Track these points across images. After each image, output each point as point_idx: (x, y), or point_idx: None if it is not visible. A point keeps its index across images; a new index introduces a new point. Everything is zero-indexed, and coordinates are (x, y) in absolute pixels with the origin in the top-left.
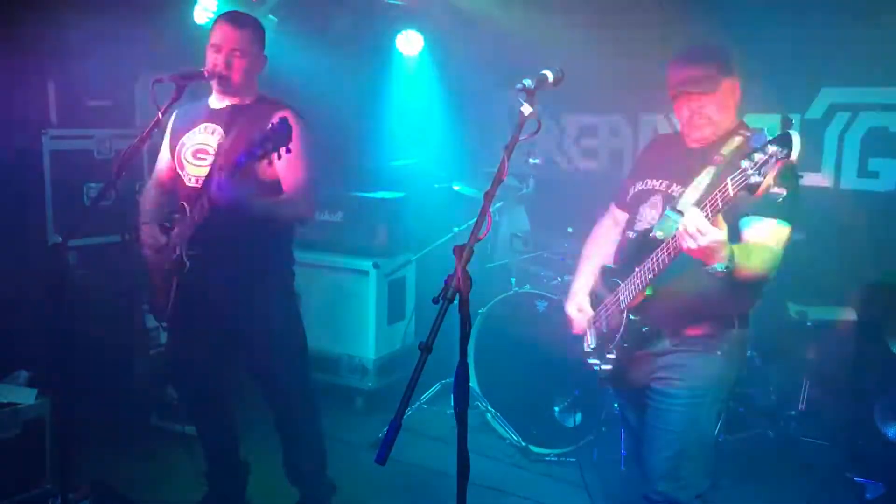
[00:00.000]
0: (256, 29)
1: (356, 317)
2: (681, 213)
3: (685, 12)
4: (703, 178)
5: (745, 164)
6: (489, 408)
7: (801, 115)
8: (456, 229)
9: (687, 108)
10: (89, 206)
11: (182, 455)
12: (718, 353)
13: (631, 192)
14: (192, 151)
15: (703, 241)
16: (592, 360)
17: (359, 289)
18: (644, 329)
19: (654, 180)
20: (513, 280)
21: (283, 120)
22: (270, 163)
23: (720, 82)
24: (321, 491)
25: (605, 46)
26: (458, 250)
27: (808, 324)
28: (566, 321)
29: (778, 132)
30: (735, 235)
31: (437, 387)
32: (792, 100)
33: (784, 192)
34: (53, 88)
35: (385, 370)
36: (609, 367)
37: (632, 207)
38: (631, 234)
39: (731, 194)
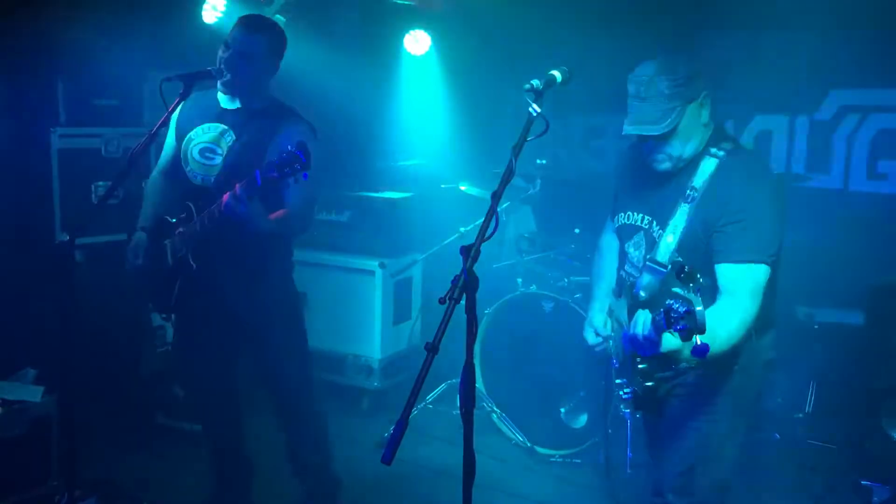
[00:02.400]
0: (272, 36)
1: (362, 317)
2: (662, 268)
3: (694, 12)
4: (679, 221)
5: (669, 301)
6: (495, 408)
7: (809, 117)
8: (462, 229)
9: (643, 140)
10: (97, 205)
11: (188, 453)
12: (735, 367)
13: (618, 221)
14: (199, 149)
15: (652, 350)
16: (618, 381)
17: (365, 289)
18: (641, 367)
19: (636, 213)
20: (519, 281)
21: (303, 145)
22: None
23: (682, 114)
24: (327, 486)
25: (614, 46)
26: (466, 250)
27: (816, 326)
28: (573, 323)
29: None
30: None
31: (443, 387)
32: (801, 101)
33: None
34: (62, 87)
35: (391, 370)
36: (629, 394)
37: (620, 239)
38: (623, 274)
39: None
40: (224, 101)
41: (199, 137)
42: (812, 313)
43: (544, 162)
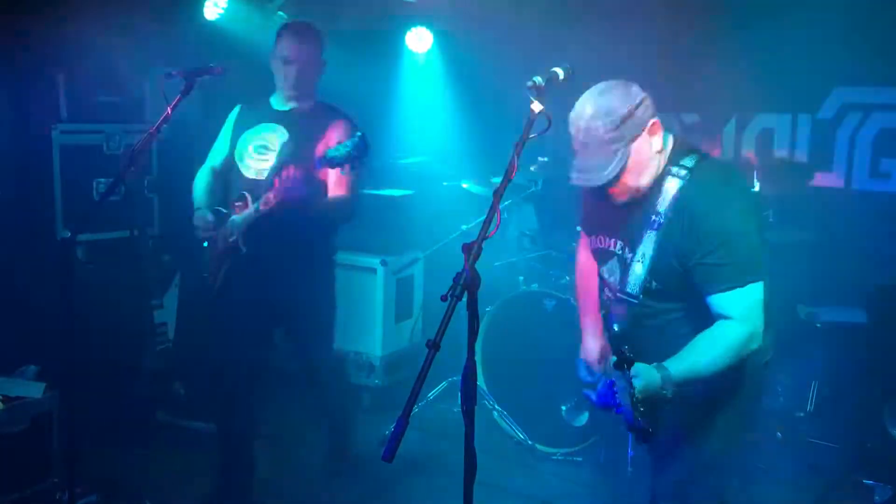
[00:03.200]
0: (320, 42)
1: (364, 314)
2: (634, 299)
3: (696, 10)
4: (646, 248)
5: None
6: (496, 406)
7: (812, 115)
8: (464, 227)
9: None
10: (98, 202)
11: (189, 451)
12: (736, 378)
13: (592, 244)
14: (254, 146)
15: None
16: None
17: (366, 286)
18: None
19: (608, 238)
20: (521, 279)
21: (363, 137)
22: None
23: (627, 154)
24: (349, 448)
25: (615, 44)
26: (467, 248)
27: (818, 325)
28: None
29: None
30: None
31: (444, 384)
32: (803, 99)
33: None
34: (63, 83)
35: (392, 368)
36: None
37: (597, 262)
38: (603, 298)
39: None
40: (277, 103)
41: (255, 136)
42: (814, 312)
43: (547, 159)
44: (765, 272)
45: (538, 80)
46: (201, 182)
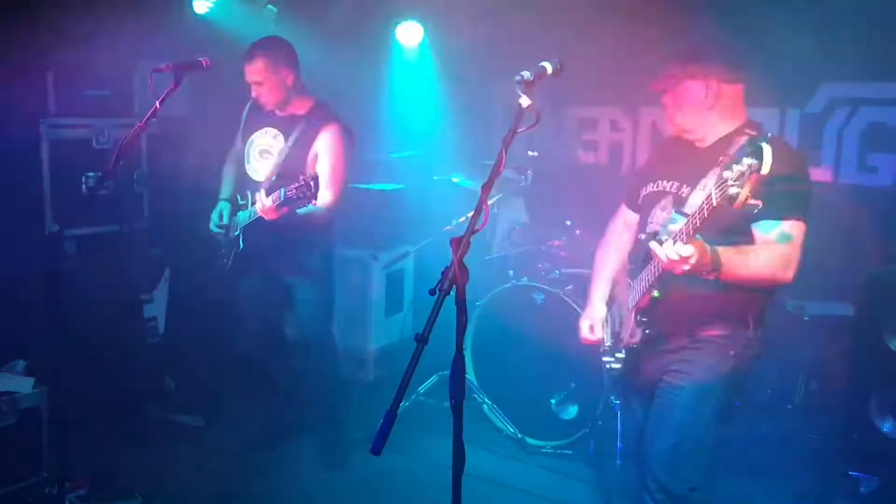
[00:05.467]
0: (268, 55)
1: (354, 308)
2: (686, 215)
3: (686, 4)
4: (709, 180)
5: (726, 174)
6: (486, 399)
7: (800, 110)
8: (455, 221)
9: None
10: (87, 196)
11: (180, 445)
12: (731, 353)
13: (642, 193)
14: (258, 150)
15: (683, 266)
16: (606, 359)
17: (357, 280)
18: (647, 331)
19: (665, 181)
20: (511, 272)
21: (315, 177)
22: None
23: (680, 82)
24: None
25: (606, 38)
26: (455, 242)
27: (806, 318)
28: (565, 314)
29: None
30: (750, 240)
31: (434, 378)
32: (792, 94)
33: (759, 203)
34: (52, 77)
35: (383, 362)
36: (618, 365)
37: (644, 209)
38: (642, 236)
39: (715, 204)
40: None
41: (258, 140)
42: (802, 305)
43: (536, 154)
44: (809, 218)
45: (526, 74)
46: (226, 174)
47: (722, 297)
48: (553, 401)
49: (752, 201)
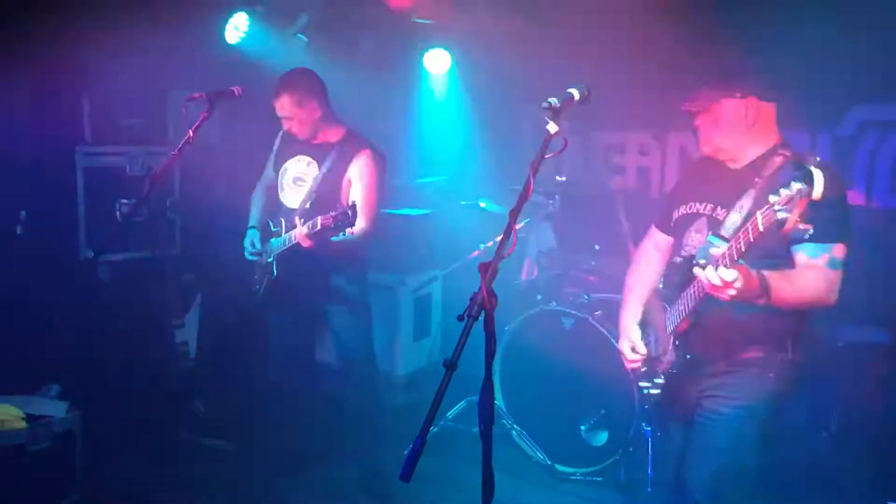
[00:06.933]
0: (298, 88)
1: (382, 333)
2: (724, 238)
3: (714, 29)
4: (745, 201)
5: (772, 198)
6: (515, 426)
7: (831, 133)
8: (482, 246)
9: (693, 126)
10: (121, 223)
11: (211, 469)
12: (772, 375)
13: (675, 215)
14: (292, 178)
15: (729, 291)
16: (643, 384)
17: (385, 305)
18: (688, 357)
19: (699, 203)
20: (539, 297)
21: (354, 206)
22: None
23: (716, 101)
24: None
25: (634, 64)
26: (483, 267)
27: (840, 344)
28: (594, 339)
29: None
30: (789, 263)
31: (462, 404)
32: (821, 117)
33: (810, 228)
34: (87, 106)
35: (411, 387)
36: (657, 391)
37: (677, 232)
38: (677, 260)
39: (761, 229)
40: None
41: (292, 168)
42: (836, 331)
43: (564, 178)
44: (850, 240)
45: (554, 101)
46: (255, 202)
47: (761, 320)
48: (583, 427)
49: (803, 226)
